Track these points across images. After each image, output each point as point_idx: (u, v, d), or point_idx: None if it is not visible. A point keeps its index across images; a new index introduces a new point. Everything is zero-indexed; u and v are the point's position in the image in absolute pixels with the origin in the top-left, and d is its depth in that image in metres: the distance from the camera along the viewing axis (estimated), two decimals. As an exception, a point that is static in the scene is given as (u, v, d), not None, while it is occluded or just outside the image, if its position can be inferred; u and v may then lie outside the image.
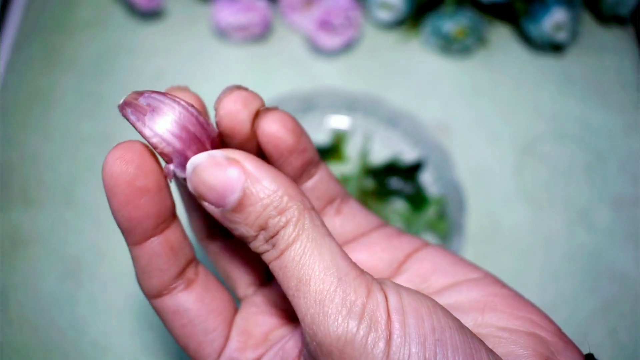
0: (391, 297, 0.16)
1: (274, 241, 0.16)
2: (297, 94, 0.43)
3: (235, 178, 0.16)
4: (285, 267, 0.16)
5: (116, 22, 0.50)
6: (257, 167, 0.17)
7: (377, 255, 0.21)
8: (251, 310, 0.22)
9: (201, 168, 0.17)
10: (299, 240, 0.16)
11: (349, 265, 0.16)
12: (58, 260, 0.40)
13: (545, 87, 0.48)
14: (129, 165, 0.17)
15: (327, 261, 0.16)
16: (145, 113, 0.17)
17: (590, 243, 0.42)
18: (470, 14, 0.47)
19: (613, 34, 0.51)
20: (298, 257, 0.16)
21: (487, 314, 0.18)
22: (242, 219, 0.17)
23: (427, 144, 0.42)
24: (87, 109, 0.46)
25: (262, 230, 0.17)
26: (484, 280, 0.20)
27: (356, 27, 0.48)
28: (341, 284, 0.16)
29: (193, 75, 0.48)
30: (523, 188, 0.44)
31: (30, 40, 0.49)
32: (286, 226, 0.16)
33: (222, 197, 0.16)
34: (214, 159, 0.17)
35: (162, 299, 0.20)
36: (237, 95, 0.19)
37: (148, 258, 0.19)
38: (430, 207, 0.40)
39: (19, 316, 0.38)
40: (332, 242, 0.17)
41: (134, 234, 0.18)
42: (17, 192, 0.42)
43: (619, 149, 0.45)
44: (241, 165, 0.16)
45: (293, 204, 0.16)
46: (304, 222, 0.16)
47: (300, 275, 0.16)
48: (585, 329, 0.38)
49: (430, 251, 0.21)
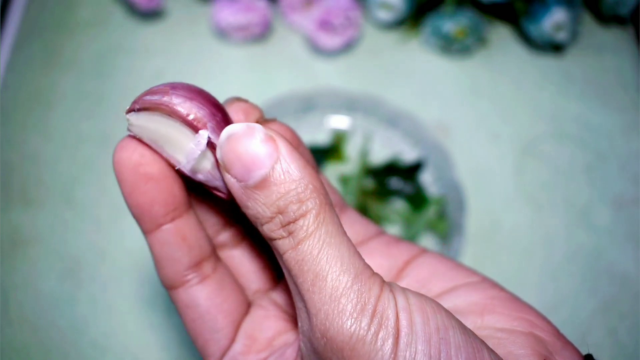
0: (399, 297, 0.16)
1: (291, 229, 0.16)
2: (297, 94, 0.43)
3: (267, 154, 0.16)
4: (302, 260, 0.16)
5: (116, 22, 0.50)
6: (290, 152, 0.17)
7: (377, 263, 0.21)
8: (259, 314, 0.22)
9: (236, 137, 0.17)
10: (318, 233, 0.16)
11: (364, 264, 0.17)
12: (58, 260, 0.40)
13: (545, 87, 0.48)
14: (133, 153, 0.18)
15: (345, 258, 0.16)
16: (167, 92, 0.18)
17: (590, 243, 0.42)
18: (470, 14, 0.47)
19: (613, 34, 0.51)
20: (316, 251, 0.16)
21: (486, 317, 0.18)
22: (263, 197, 0.16)
23: (427, 144, 0.42)
24: (87, 109, 0.46)
25: (279, 214, 0.16)
26: (482, 284, 0.20)
27: (356, 27, 0.48)
28: (357, 282, 0.16)
29: (193, 75, 0.48)
30: (523, 188, 0.44)
31: (30, 40, 0.49)
32: (306, 215, 0.16)
33: (248, 170, 0.16)
34: (252, 130, 0.17)
35: (176, 291, 0.20)
36: (237, 107, 0.19)
37: (160, 246, 0.19)
38: (430, 207, 0.40)
39: (19, 316, 0.38)
40: (348, 240, 0.17)
41: (145, 221, 0.19)
42: (17, 192, 0.42)
43: (619, 149, 0.45)
44: (276, 144, 0.16)
45: (316, 196, 0.16)
46: (324, 215, 0.16)
47: (318, 270, 0.16)
48: (585, 329, 0.38)
49: (429, 257, 0.21)
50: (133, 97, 0.18)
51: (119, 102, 0.46)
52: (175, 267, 0.20)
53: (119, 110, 0.46)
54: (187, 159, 0.18)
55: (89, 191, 0.42)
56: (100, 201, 0.42)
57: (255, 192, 0.16)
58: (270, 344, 0.21)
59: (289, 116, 0.43)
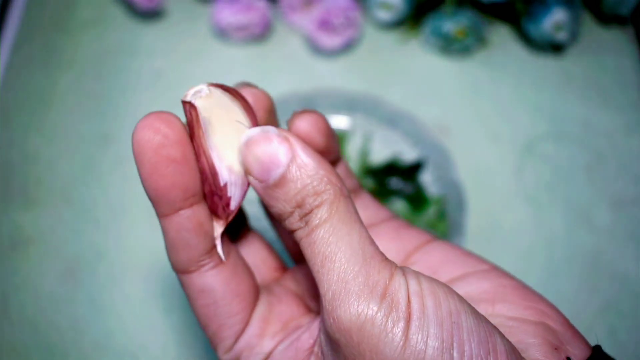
0: (411, 281, 0.16)
1: (307, 219, 0.17)
2: (297, 94, 0.43)
3: (282, 154, 0.17)
4: (314, 243, 0.17)
5: (116, 22, 0.50)
6: (304, 149, 0.18)
7: (385, 246, 0.21)
8: (271, 299, 0.22)
9: (253, 141, 0.18)
10: (330, 220, 0.17)
11: (375, 250, 0.17)
12: (58, 260, 0.40)
13: (545, 87, 0.48)
14: (156, 134, 0.18)
15: (355, 242, 0.17)
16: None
17: (590, 243, 0.42)
18: (470, 14, 0.47)
19: (613, 34, 0.51)
20: (327, 235, 0.17)
21: (497, 305, 0.19)
22: (282, 194, 0.17)
23: (427, 144, 0.42)
24: (87, 109, 0.46)
25: (297, 208, 0.17)
26: (493, 271, 0.20)
27: (356, 27, 0.48)
28: (365, 265, 0.16)
29: (193, 75, 0.48)
30: (523, 188, 0.44)
31: (30, 40, 0.49)
32: (321, 206, 0.17)
33: (267, 171, 0.17)
34: (267, 133, 0.18)
35: (190, 276, 0.20)
36: (247, 91, 0.21)
37: (176, 231, 0.19)
38: (430, 207, 0.40)
39: (19, 316, 0.38)
40: (362, 228, 0.17)
41: (162, 204, 0.18)
42: (17, 192, 0.42)
43: (619, 149, 0.45)
44: (290, 143, 0.17)
45: (330, 188, 0.17)
46: (338, 205, 0.17)
47: (327, 252, 0.17)
48: (585, 329, 0.38)
49: (439, 244, 0.22)
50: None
51: (119, 102, 0.46)
52: (190, 253, 0.20)
53: (119, 110, 0.46)
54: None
55: (89, 191, 0.42)
56: (100, 201, 0.42)
57: (276, 190, 0.17)
58: (284, 327, 0.21)
59: (289, 116, 0.43)
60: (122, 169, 0.43)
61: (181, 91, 0.20)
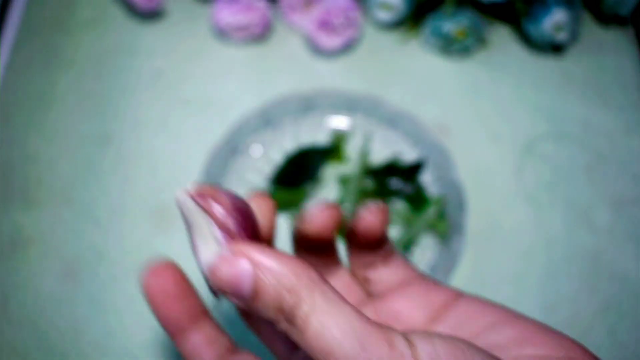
0: (421, 345, 0.16)
1: (293, 321, 0.17)
2: (297, 94, 0.43)
3: (245, 269, 0.17)
4: (310, 345, 0.17)
5: (116, 22, 0.50)
6: (263, 253, 0.18)
7: (415, 305, 0.23)
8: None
9: (214, 268, 0.18)
10: (314, 315, 0.17)
11: (367, 325, 0.17)
12: (58, 260, 0.40)
13: (545, 87, 0.48)
14: (166, 282, 0.22)
15: (346, 327, 0.17)
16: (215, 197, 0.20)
17: (590, 243, 0.42)
18: (470, 15, 0.47)
19: (613, 34, 0.51)
20: (318, 332, 0.17)
21: (526, 348, 0.19)
22: (262, 305, 0.17)
23: (427, 144, 0.42)
24: (87, 109, 0.46)
25: (280, 314, 0.17)
26: (520, 318, 0.20)
27: (356, 27, 0.48)
28: (362, 347, 0.16)
29: (193, 76, 0.48)
30: (523, 188, 0.44)
31: (30, 40, 0.49)
32: (299, 305, 0.17)
33: (238, 289, 0.18)
34: (224, 258, 0.18)
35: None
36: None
37: (190, 347, 0.22)
38: (430, 207, 0.40)
39: (19, 316, 0.38)
40: (345, 307, 0.17)
41: (170, 330, 0.22)
42: (17, 192, 0.42)
43: (619, 149, 0.45)
44: (248, 256, 0.18)
45: (301, 282, 0.17)
46: (314, 297, 0.17)
47: (323, 348, 0.17)
48: (585, 329, 0.38)
49: (467, 299, 0.22)
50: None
51: (119, 102, 0.46)
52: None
53: (119, 110, 0.46)
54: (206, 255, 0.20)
55: (89, 191, 0.42)
56: (100, 201, 0.42)
57: (255, 303, 0.18)
58: None
59: (288, 116, 0.43)
60: (122, 169, 0.43)
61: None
